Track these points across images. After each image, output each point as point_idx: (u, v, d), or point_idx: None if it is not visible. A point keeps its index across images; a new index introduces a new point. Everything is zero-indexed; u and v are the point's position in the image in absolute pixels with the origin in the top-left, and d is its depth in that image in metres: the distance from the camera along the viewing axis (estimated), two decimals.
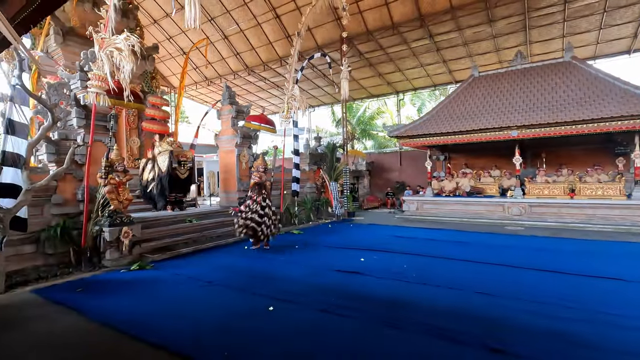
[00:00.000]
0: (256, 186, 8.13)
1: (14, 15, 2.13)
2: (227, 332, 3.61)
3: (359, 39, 15.83)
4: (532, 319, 3.76)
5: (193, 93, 23.61)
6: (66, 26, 9.76)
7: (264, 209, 7.84)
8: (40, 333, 3.69)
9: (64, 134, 7.17)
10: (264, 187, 8.20)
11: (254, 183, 8.14)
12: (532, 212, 11.00)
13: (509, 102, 12.46)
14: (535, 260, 6.23)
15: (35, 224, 6.19)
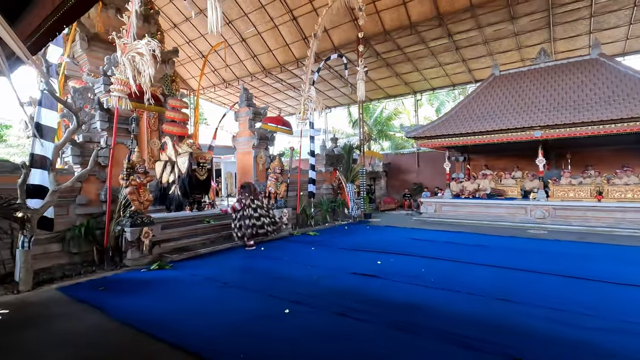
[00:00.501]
0: (241, 189, 8.43)
1: (40, 24, 2.20)
2: (244, 334, 3.63)
3: (376, 39, 15.72)
4: (555, 327, 3.61)
5: (211, 95, 24.01)
6: (91, 32, 10.09)
7: (256, 210, 8.18)
8: (65, 331, 3.81)
9: (88, 136, 7.42)
10: (249, 188, 8.45)
11: (240, 186, 8.48)
12: (556, 215, 10.62)
13: (531, 102, 12.09)
14: (559, 266, 6.00)
15: (61, 224, 6.42)
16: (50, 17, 2.11)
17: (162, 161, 9.22)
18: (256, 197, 8.45)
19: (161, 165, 9.21)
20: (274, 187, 10.43)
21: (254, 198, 8.36)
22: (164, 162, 9.20)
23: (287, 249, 8.09)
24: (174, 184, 9.07)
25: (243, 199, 8.25)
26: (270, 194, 10.49)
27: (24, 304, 4.67)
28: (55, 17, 2.12)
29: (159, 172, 9.18)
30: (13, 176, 5.73)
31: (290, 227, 10.67)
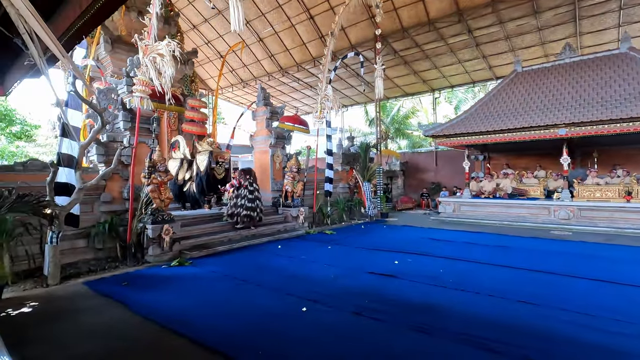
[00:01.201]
0: (242, 172, 8.81)
1: (69, 26, 2.27)
2: (261, 331, 3.67)
3: (393, 37, 15.55)
4: (580, 331, 3.49)
5: (229, 95, 24.34)
6: (114, 35, 10.40)
7: (252, 192, 8.57)
8: (90, 324, 3.95)
9: (112, 136, 7.64)
10: (250, 172, 8.88)
11: (240, 170, 8.91)
12: (581, 216, 10.25)
13: (555, 99, 11.69)
14: (584, 268, 5.79)
15: (86, 221, 6.65)
16: (78, 19, 2.18)
17: (176, 159, 9.37)
18: (255, 182, 8.87)
19: (176, 163, 9.33)
20: (290, 186, 10.49)
21: (252, 182, 8.77)
22: (179, 160, 9.34)
23: (303, 247, 8.12)
24: (189, 182, 9.25)
25: (242, 179, 8.67)
26: (287, 192, 10.57)
27: (53, 297, 4.87)
28: (83, 20, 2.19)
29: (174, 170, 9.32)
30: (42, 174, 5.97)
31: (307, 226, 10.71)
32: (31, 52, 1.54)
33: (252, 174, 9.03)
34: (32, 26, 1.51)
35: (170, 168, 9.28)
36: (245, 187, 8.66)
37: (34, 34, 1.54)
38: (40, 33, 1.56)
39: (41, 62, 1.56)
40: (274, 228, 9.69)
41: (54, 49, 1.59)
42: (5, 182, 5.81)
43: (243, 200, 8.60)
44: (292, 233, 9.75)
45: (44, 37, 1.59)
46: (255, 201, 8.69)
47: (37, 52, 1.53)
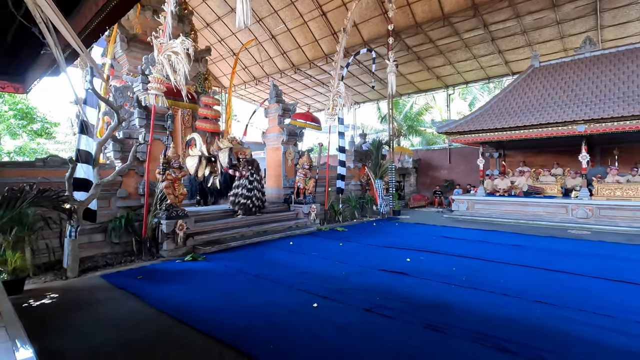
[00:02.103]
0: (245, 163, 9.03)
1: (86, 25, 2.32)
2: (273, 325, 3.70)
3: (406, 32, 15.37)
4: (598, 332, 3.40)
5: (242, 92, 24.51)
6: (130, 34, 10.58)
7: (251, 183, 8.90)
8: (107, 315, 4.06)
9: (128, 133, 7.79)
10: (252, 163, 9.16)
11: (244, 160, 9.08)
12: (600, 215, 9.96)
13: (574, 94, 11.36)
14: (603, 269, 5.63)
15: (103, 215, 6.82)
16: (94, 18, 2.22)
17: (193, 156, 9.43)
18: (256, 173, 9.16)
19: (194, 160, 9.40)
20: (302, 183, 10.52)
21: (253, 173, 9.06)
22: (197, 157, 9.40)
23: (315, 244, 8.14)
24: (211, 177, 9.34)
25: (243, 170, 8.96)
26: (299, 189, 10.60)
27: (72, 289, 5.02)
28: (99, 19, 2.23)
29: (192, 167, 9.40)
30: (61, 170, 6.15)
31: (318, 223, 10.73)
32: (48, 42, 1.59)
33: (254, 165, 9.28)
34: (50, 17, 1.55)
35: (189, 165, 9.38)
36: (246, 177, 9.02)
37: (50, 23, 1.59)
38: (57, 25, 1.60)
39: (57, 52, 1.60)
40: (285, 224, 9.74)
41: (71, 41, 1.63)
42: (27, 177, 5.99)
43: (243, 189, 9.01)
44: (303, 230, 9.78)
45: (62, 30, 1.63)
46: (253, 191, 9.05)
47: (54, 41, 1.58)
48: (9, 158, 17.69)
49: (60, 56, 1.69)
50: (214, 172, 9.31)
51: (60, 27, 1.59)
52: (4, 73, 3.38)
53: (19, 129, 18.50)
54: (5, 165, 6.39)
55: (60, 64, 1.68)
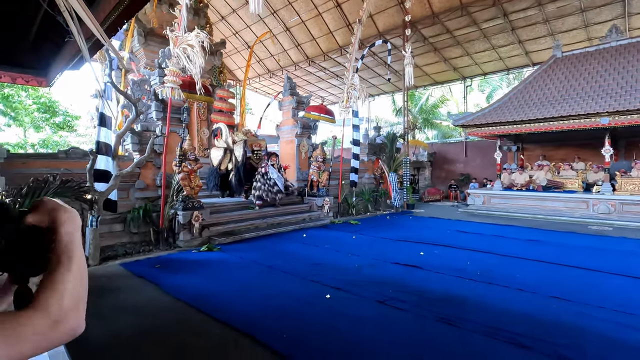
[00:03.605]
0: (267, 155, 9.39)
1: (104, 19, 2.37)
2: (286, 315, 3.76)
3: (423, 23, 15.05)
4: (617, 329, 3.32)
5: (256, 85, 24.59)
6: (147, 28, 10.74)
7: (264, 175, 9.08)
8: (126, 301, 4.21)
9: (145, 125, 7.96)
10: (272, 156, 9.39)
11: (268, 153, 9.42)
12: (623, 210, 9.64)
13: (598, 85, 10.95)
14: (625, 265, 5.47)
15: (122, 206, 7.01)
16: (113, 11, 2.27)
17: (219, 148, 9.36)
18: (273, 165, 9.25)
19: (220, 151, 9.31)
20: (316, 176, 10.54)
21: (270, 164, 9.18)
22: (222, 148, 9.32)
23: (328, 236, 8.18)
24: (232, 171, 9.34)
25: (264, 164, 9.15)
26: (313, 182, 10.63)
27: (93, 277, 5.20)
28: (118, 12, 2.27)
29: (217, 159, 9.33)
30: (83, 162, 6.35)
31: (332, 216, 10.76)
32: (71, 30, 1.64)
33: (267, 159, 9.38)
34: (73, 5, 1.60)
35: (213, 157, 9.41)
36: (265, 171, 9.19)
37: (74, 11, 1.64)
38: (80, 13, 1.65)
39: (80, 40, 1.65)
40: (299, 217, 9.81)
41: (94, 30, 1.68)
42: (50, 168, 6.22)
43: (259, 183, 9.14)
44: (317, 222, 9.83)
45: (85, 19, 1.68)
46: (266, 184, 9.16)
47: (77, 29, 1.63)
48: (33, 150, 18.33)
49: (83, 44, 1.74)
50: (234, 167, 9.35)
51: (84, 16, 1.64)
52: (28, 67, 3.49)
53: (43, 122, 19.13)
54: (30, 156, 6.64)
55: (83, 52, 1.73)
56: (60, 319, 0.58)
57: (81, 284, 0.64)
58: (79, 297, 0.63)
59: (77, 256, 0.65)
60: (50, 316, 0.57)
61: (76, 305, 0.61)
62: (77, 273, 0.64)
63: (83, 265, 0.67)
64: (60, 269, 0.62)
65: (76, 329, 0.61)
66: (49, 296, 0.59)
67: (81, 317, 0.62)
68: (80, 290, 0.63)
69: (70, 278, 0.62)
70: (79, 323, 0.62)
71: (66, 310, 0.59)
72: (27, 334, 0.54)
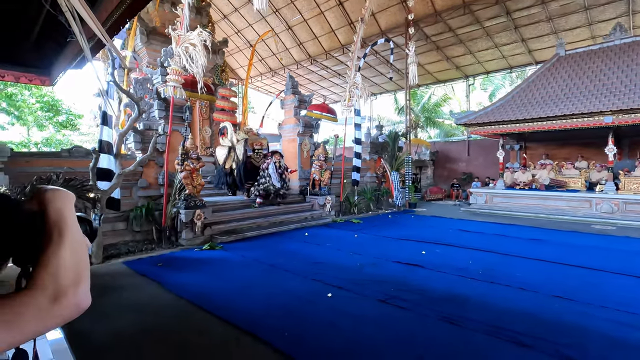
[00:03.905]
0: (271, 153, 9.46)
1: (106, 18, 2.38)
2: (288, 314, 3.77)
3: (425, 21, 15.00)
4: (620, 329, 3.31)
5: (258, 84, 24.60)
6: (149, 26, 10.76)
7: (264, 172, 9.20)
8: (129, 299, 4.23)
9: (148, 124, 7.98)
10: (275, 154, 9.43)
11: (261, 151, 9.55)
12: (626, 210, 9.59)
13: (602, 84, 10.88)
14: (628, 265, 5.44)
15: (125, 205, 7.04)
16: (115, 10, 2.27)
17: (224, 146, 9.42)
18: (275, 163, 9.31)
19: (224, 150, 9.36)
20: (318, 174, 10.55)
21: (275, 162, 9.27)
22: (227, 147, 9.37)
23: (330, 235, 8.19)
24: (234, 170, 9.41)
25: (267, 161, 9.20)
26: (315, 180, 10.63)
27: (96, 275, 5.23)
28: (120, 11, 2.28)
29: (222, 157, 9.38)
30: (86, 160, 6.38)
31: (334, 214, 10.76)
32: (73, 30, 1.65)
33: (278, 156, 9.44)
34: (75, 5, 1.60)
35: (219, 156, 9.44)
36: (265, 168, 9.28)
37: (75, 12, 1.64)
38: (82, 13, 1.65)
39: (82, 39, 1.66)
40: (301, 216, 9.82)
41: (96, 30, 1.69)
42: (53, 167, 6.25)
43: (262, 179, 9.28)
44: (318, 221, 9.84)
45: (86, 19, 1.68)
46: (271, 180, 9.29)
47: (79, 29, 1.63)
48: (36, 149, 18.42)
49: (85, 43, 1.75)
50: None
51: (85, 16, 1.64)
52: (31, 66, 3.51)
53: (46, 121, 19.21)
54: (33, 155, 6.68)
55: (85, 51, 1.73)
56: (58, 295, 0.57)
57: (78, 258, 0.63)
58: (78, 271, 0.62)
59: (69, 231, 0.64)
60: (47, 293, 0.57)
61: (75, 280, 0.60)
62: (70, 247, 0.63)
63: (78, 239, 0.66)
64: (51, 245, 0.61)
65: (79, 303, 0.60)
66: (43, 273, 0.58)
67: (82, 292, 0.61)
68: (78, 265, 0.62)
69: (63, 253, 0.61)
70: (82, 298, 0.60)
71: (64, 286, 0.58)
72: (27, 315, 0.54)
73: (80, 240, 0.66)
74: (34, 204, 0.68)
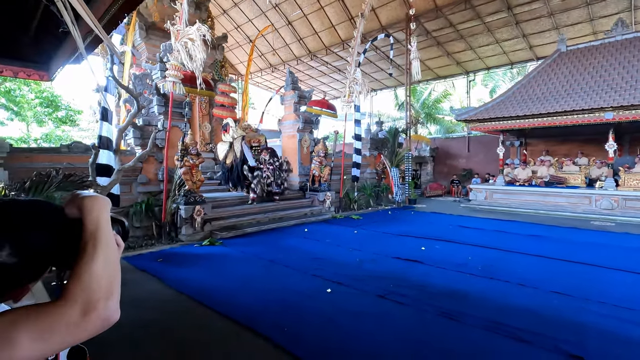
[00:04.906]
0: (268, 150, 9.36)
1: (104, 12, 2.36)
2: (287, 309, 3.78)
3: (426, 17, 14.90)
4: (618, 325, 3.32)
5: (258, 80, 24.50)
6: (149, 22, 10.69)
7: (259, 168, 9.07)
8: (128, 295, 4.23)
9: (147, 120, 7.96)
10: (272, 152, 9.35)
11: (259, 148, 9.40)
12: (626, 206, 9.59)
13: (603, 80, 10.84)
14: (627, 261, 5.46)
15: (125, 200, 7.05)
16: (113, 4, 2.25)
17: (225, 142, 9.45)
18: (271, 158, 9.24)
19: (225, 145, 9.39)
20: (318, 171, 10.54)
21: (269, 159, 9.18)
22: (228, 143, 9.39)
23: (330, 231, 8.20)
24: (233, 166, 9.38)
25: (264, 158, 9.10)
26: (315, 177, 10.63)
27: None
28: (118, 4, 2.26)
29: (222, 153, 9.38)
30: (85, 156, 6.37)
31: (333, 210, 10.77)
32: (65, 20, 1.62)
33: (273, 154, 9.37)
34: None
35: (220, 151, 9.45)
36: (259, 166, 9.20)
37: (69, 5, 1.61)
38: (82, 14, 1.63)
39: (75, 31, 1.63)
40: (300, 212, 9.83)
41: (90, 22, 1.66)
42: (53, 163, 6.24)
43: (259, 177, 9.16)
44: (318, 217, 9.84)
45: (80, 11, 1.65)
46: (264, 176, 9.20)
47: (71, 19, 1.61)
48: (36, 144, 18.39)
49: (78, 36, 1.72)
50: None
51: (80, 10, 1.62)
52: (30, 61, 3.49)
53: (45, 117, 19.16)
54: (33, 151, 6.66)
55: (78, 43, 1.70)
56: (89, 309, 0.58)
57: (110, 271, 0.63)
58: (109, 285, 0.62)
59: (103, 243, 0.64)
60: (78, 307, 0.57)
61: (106, 294, 0.60)
62: (104, 260, 0.63)
63: (112, 251, 0.66)
64: (85, 257, 0.62)
65: (108, 318, 0.60)
66: (76, 286, 0.59)
67: (112, 307, 0.61)
68: (110, 278, 0.62)
69: (96, 266, 0.61)
70: (111, 313, 0.60)
71: (95, 300, 0.58)
72: (58, 328, 0.55)
73: (113, 252, 0.66)
74: (74, 210, 0.69)
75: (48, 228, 0.67)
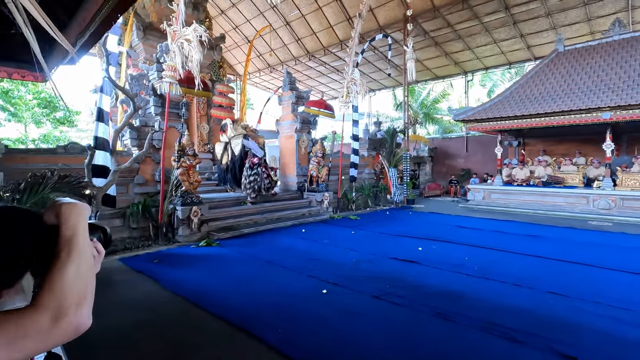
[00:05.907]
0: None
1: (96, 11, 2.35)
2: (283, 310, 3.77)
3: (423, 17, 14.91)
4: (614, 325, 3.32)
5: (256, 80, 24.48)
6: (146, 22, 10.65)
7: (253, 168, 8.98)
8: (125, 296, 4.22)
9: (144, 121, 7.94)
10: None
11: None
12: (624, 206, 9.60)
13: (600, 80, 10.85)
14: (625, 261, 5.46)
15: (122, 201, 7.02)
16: (104, 3, 2.24)
17: (221, 143, 9.50)
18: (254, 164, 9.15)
19: (221, 146, 9.46)
20: (315, 171, 10.53)
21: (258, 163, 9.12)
22: (224, 143, 9.42)
23: (327, 231, 8.19)
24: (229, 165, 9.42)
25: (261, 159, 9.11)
26: (312, 177, 10.62)
27: None
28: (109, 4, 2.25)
29: (219, 153, 9.43)
30: (81, 157, 6.34)
31: (331, 211, 10.76)
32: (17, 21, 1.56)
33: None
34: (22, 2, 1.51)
35: (217, 152, 9.49)
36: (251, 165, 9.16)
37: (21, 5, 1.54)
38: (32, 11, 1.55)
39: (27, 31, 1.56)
40: (298, 212, 9.81)
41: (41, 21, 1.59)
42: (49, 164, 6.21)
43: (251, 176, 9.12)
44: (316, 217, 9.83)
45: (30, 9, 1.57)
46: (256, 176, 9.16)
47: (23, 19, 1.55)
48: (34, 145, 18.36)
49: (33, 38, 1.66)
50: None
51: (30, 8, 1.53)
52: (23, 62, 3.46)
53: (43, 117, 19.12)
54: (29, 152, 6.65)
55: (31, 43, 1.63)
56: (59, 316, 0.57)
57: (84, 278, 0.63)
58: (81, 292, 0.61)
59: (78, 250, 0.64)
60: (49, 313, 0.57)
61: (78, 300, 0.60)
62: (77, 267, 0.62)
63: (86, 260, 0.65)
64: (58, 264, 0.62)
65: (79, 326, 0.59)
66: (47, 293, 0.59)
67: (83, 314, 0.60)
68: (82, 286, 0.62)
69: (68, 273, 0.61)
70: (82, 320, 0.60)
71: (66, 307, 0.58)
72: (28, 335, 0.55)
73: (87, 260, 0.66)
74: (52, 216, 0.68)
75: (25, 233, 0.66)
